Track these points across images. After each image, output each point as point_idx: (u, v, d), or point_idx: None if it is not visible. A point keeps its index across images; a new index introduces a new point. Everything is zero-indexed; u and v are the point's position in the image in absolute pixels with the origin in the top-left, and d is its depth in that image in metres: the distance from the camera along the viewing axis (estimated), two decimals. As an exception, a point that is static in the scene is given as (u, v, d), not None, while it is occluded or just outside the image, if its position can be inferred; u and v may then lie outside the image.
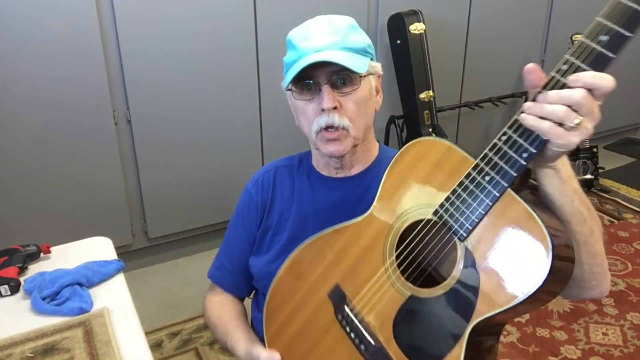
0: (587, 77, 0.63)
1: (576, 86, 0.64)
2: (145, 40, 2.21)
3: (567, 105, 0.64)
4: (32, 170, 2.17)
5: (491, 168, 0.71)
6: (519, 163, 0.68)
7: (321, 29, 0.93)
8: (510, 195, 0.71)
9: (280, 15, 2.42)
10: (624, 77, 3.73)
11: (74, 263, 1.24)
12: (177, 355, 2.03)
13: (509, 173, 0.69)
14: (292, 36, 0.95)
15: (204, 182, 2.53)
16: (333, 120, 0.93)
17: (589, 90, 0.63)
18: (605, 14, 0.66)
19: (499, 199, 0.71)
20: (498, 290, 0.69)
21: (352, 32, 0.95)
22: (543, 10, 3.19)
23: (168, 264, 2.63)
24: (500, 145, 0.71)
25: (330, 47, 0.91)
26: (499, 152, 0.71)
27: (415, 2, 2.66)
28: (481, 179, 0.72)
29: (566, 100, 0.64)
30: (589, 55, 0.64)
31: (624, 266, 2.50)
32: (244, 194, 1.13)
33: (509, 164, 0.69)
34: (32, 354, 0.99)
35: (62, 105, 2.14)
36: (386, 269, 0.83)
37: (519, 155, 0.68)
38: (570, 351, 1.99)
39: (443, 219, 0.76)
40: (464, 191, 0.74)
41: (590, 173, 3.05)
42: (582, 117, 0.64)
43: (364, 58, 0.95)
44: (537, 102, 0.67)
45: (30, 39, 2.02)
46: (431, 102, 2.68)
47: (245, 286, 1.16)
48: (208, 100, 2.42)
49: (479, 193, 0.72)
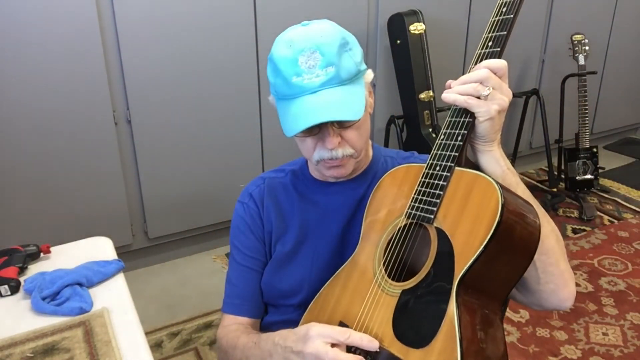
0: (486, 61, 0.83)
1: (480, 67, 0.83)
2: (145, 40, 2.21)
3: (477, 82, 0.81)
4: (32, 171, 2.17)
5: (438, 159, 0.85)
6: (457, 144, 0.84)
7: (312, 60, 0.86)
8: (459, 170, 0.83)
9: (280, 16, 2.43)
10: (624, 77, 3.75)
11: (74, 263, 1.24)
12: (177, 355, 2.03)
13: (451, 155, 0.84)
14: (278, 61, 0.88)
15: (204, 182, 2.53)
16: (337, 154, 0.92)
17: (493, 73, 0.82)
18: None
19: (451, 178, 0.83)
20: (467, 245, 0.76)
21: (344, 55, 0.88)
22: (543, 10, 3.19)
23: (168, 264, 2.63)
24: (440, 142, 0.86)
25: (326, 84, 0.86)
26: (440, 146, 0.86)
27: (415, 2, 2.66)
28: (433, 170, 0.85)
29: (474, 77, 0.82)
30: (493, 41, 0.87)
31: (624, 266, 2.50)
32: (241, 208, 1.09)
33: (449, 148, 0.84)
34: (32, 354, 0.99)
35: (62, 106, 2.14)
36: (376, 280, 0.86)
37: (455, 140, 0.84)
38: (570, 351, 1.99)
39: (415, 217, 0.85)
40: (424, 186, 0.85)
41: (590, 173, 3.05)
42: (491, 89, 0.81)
43: (360, 82, 0.91)
44: (453, 82, 0.84)
45: (30, 40, 2.02)
46: (431, 102, 2.68)
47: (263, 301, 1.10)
48: (208, 100, 2.42)
49: (434, 181, 0.84)
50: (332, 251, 1.02)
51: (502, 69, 0.82)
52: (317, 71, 0.86)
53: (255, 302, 1.08)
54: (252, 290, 1.08)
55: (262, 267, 1.08)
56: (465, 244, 0.77)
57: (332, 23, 0.92)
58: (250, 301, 1.08)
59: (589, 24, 3.24)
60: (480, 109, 0.81)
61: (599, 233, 2.80)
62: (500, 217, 0.74)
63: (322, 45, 0.86)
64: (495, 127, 0.84)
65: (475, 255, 0.75)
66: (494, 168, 0.87)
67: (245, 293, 1.07)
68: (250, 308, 1.08)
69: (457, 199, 0.81)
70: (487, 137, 0.85)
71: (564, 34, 3.08)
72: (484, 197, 0.77)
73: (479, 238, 0.75)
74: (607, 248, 2.65)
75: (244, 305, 1.07)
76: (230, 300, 1.09)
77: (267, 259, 1.08)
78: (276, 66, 0.88)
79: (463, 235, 0.78)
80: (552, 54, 3.30)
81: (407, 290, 0.81)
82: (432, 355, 0.73)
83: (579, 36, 2.96)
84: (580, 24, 3.16)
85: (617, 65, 3.62)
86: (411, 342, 0.77)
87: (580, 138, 3.01)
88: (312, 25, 0.90)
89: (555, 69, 3.32)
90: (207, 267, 2.57)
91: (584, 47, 2.95)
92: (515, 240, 0.79)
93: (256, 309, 1.08)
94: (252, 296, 1.08)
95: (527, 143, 3.47)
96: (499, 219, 0.74)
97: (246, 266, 1.07)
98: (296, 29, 0.91)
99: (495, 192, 0.76)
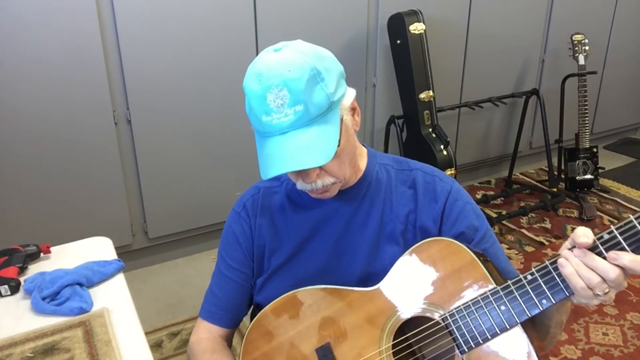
0: (626, 260, 0.69)
1: (614, 264, 0.70)
2: (145, 40, 2.21)
3: (601, 277, 0.71)
4: (32, 170, 2.17)
5: (509, 300, 0.77)
6: (536, 308, 0.75)
7: (279, 97, 0.83)
8: (518, 330, 0.77)
9: (281, 17, 2.43)
10: (624, 77, 3.75)
11: (74, 263, 1.24)
12: (177, 355, 2.03)
13: (524, 311, 0.76)
14: (249, 96, 0.86)
15: (204, 182, 2.53)
16: (317, 186, 0.91)
17: (623, 270, 0.70)
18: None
19: (507, 331, 0.77)
20: None
21: (315, 88, 0.84)
22: (543, 10, 3.19)
23: (168, 264, 2.63)
24: (525, 283, 0.76)
25: (294, 125, 0.83)
26: (521, 288, 0.76)
27: (415, 2, 2.66)
28: (496, 306, 0.78)
29: (602, 273, 0.70)
30: (632, 237, 0.69)
31: (624, 266, 2.50)
32: (233, 218, 1.09)
33: (528, 302, 0.76)
34: (32, 354, 0.99)
35: (62, 105, 2.14)
36: (380, 352, 0.85)
37: (539, 298, 0.75)
38: (570, 351, 1.99)
39: (449, 326, 0.81)
40: (477, 310, 0.79)
41: (590, 173, 3.05)
42: (610, 289, 0.71)
43: (333, 115, 0.87)
44: (576, 257, 0.73)
45: (30, 39, 2.02)
46: (431, 102, 2.68)
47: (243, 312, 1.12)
48: (208, 100, 2.42)
49: (490, 317, 0.78)
50: (327, 260, 1.02)
51: (636, 271, 0.71)
52: (286, 110, 0.83)
53: (231, 312, 1.09)
54: (230, 300, 1.08)
55: (245, 279, 1.08)
56: None
57: (304, 49, 0.87)
58: (225, 311, 1.09)
59: (589, 24, 3.24)
60: (582, 300, 0.75)
61: (599, 233, 2.79)
62: None
63: (290, 82, 0.82)
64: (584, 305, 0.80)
65: None
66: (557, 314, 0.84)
67: (223, 303, 1.08)
68: (225, 318, 1.09)
69: (498, 354, 0.79)
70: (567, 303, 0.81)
71: (564, 34, 3.08)
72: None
73: None
74: (607, 248, 2.65)
75: (218, 313, 1.08)
76: (207, 307, 1.10)
77: (253, 273, 1.07)
78: (248, 100, 0.87)
79: None
80: (552, 54, 3.30)
81: None
82: None
83: (579, 36, 2.96)
84: (580, 24, 3.16)
85: (617, 65, 3.62)
86: None
87: (580, 138, 3.01)
88: (282, 52, 0.86)
89: (555, 69, 3.32)
90: (207, 267, 2.57)
91: (584, 47, 2.95)
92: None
93: (231, 319, 1.10)
94: (229, 306, 1.09)
95: (527, 143, 3.47)
96: None
97: (228, 276, 1.08)
98: (268, 55, 0.87)
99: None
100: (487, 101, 3.03)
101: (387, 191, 1.01)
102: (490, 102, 3.05)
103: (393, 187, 1.01)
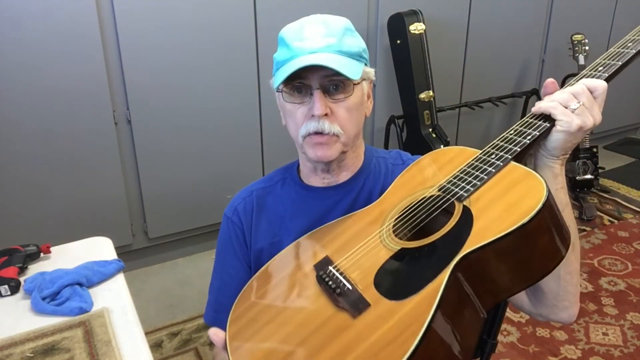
0: (585, 79, 0.85)
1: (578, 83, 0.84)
2: (145, 40, 2.21)
3: (570, 94, 0.82)
4: (32, 170, 2.17)
5: (497, 148, 0.84)
6: (523, 142, 0.82)
7: (316, 30, 0.90)
8: (513, 164, 0.81)
9: (280, 18, 2.42)
10: (624, 77, 3.73)
11: (74, 263, 1.24)
12: (177, 355, 2.03)
13: (513, 149, 0.82)
14: (285, 34, 0.92)
15: (204, 182, 2.53)
16: (323, 127, 0.90)
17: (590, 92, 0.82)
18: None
19: (502, 168, 0.81)
20: (487, 229, 0.73)
21: (348, 36, 0.92)
22: (543, 10, 3.19)
23: (168, 264, 2.63)
24: (507, 135, 0.85)
25: (324, 49, 0.88)
26: (505, 139, 0.85)
27: (415, 2, 2.67)
28: (487, 157, 0.84)
29: (568, 89, 0.83)
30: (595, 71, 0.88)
31: (624, 266, 2.50)
32: (225, 223, 1.09)
33: (514, 143, 0.83)
34: (32, 354, 0.99)
35: (62, 105, 2.14)
36: (380, 231, 0.84)
37: (523, 137, 0.83)
38: (570, 351, 1.99)
39: (448, 191, 0.83)
40: (470, 167, 0.84)
41: (590, 173, 3.05)
42: (581, 104, 0.81)
43: (359, 63, 0.92)
44: (547, 94, 0.87)
45: (31, 40, 2.02)
46: (431, 102, 2.68)
47: None
48: (208, 100, 2.42)
49: (483, 166, 0.83)
50: None
51: (600, 90, 0.82)
52: (320, 38, 0.89)
53: None
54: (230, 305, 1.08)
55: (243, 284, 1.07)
56: (486, 228, 0.73)
57: None
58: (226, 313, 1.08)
59: (589, 24, 3.24)
60: (562, 118, 0.81)
61: (599, 233, 2.80)
62: (534, 215, 0.69)
63: (330, 21, 0.91)
64: (568, 144, 0.82)
65: (490, 239, 0.70)
66: (549, 183, 0.83)
67: (223, 307, 1.07)
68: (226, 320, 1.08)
69: (498, 187, 0.78)
70: (556, 152, 0.84)
71: (564, 34, 3.08)
72: (527, 193, 0.74)
73: (502, 226, 0.70)
74: (607, 248, 2.65)
75: (219, 316, 1.07)
76: (209, 311, 1.10)
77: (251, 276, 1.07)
78: (282, 38, 0.92)
79: (488, 219, 0.74)
80: (552, 54, 3.30)
81: (406, 249, 0.79)
82: (401, 310, 0.70)
83: (579, 36, 2.96)
84: (580, 24, 3.16)
85: (617, 65, 3.61)
86: (386, 292, 0.74)
87: (580, 138, 3.01)
88: None
89: (555, 69, 3.32)
90: (207, 267, 2.55)
91: (584, 47, 2.95)
92: (535, 250, 0.73)
93: None
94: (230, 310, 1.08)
95: (527, 143, 3.47)
96: (532, 215, 0.69)
97: (226, 281, 1.08)
98: None
99: (541, 192, 0.72)
100: (487, 101, 3.04)
101: (385, 182, 1.02)
102: (490, 102, 3.06)
103: (390, 179, 1.02)
